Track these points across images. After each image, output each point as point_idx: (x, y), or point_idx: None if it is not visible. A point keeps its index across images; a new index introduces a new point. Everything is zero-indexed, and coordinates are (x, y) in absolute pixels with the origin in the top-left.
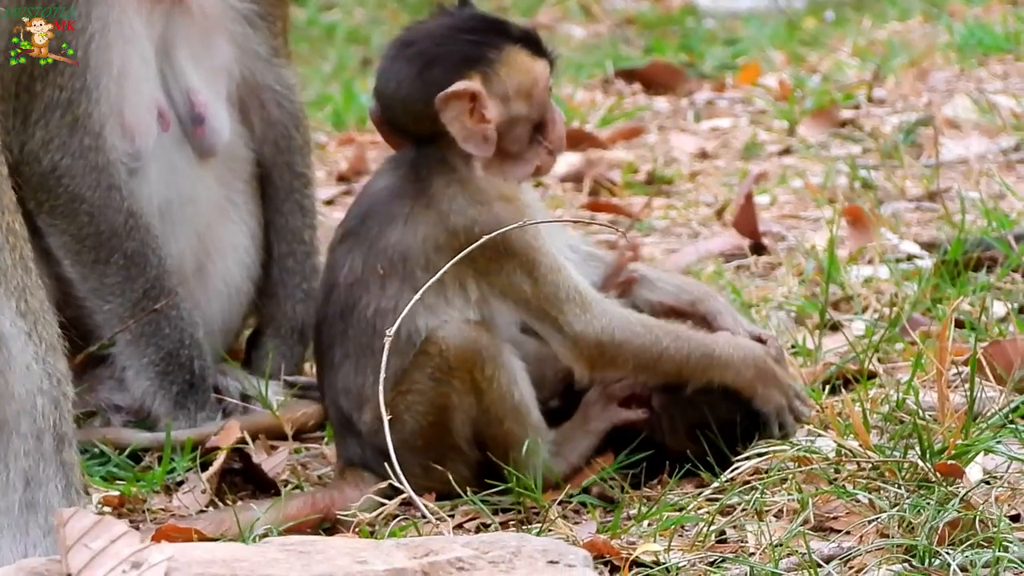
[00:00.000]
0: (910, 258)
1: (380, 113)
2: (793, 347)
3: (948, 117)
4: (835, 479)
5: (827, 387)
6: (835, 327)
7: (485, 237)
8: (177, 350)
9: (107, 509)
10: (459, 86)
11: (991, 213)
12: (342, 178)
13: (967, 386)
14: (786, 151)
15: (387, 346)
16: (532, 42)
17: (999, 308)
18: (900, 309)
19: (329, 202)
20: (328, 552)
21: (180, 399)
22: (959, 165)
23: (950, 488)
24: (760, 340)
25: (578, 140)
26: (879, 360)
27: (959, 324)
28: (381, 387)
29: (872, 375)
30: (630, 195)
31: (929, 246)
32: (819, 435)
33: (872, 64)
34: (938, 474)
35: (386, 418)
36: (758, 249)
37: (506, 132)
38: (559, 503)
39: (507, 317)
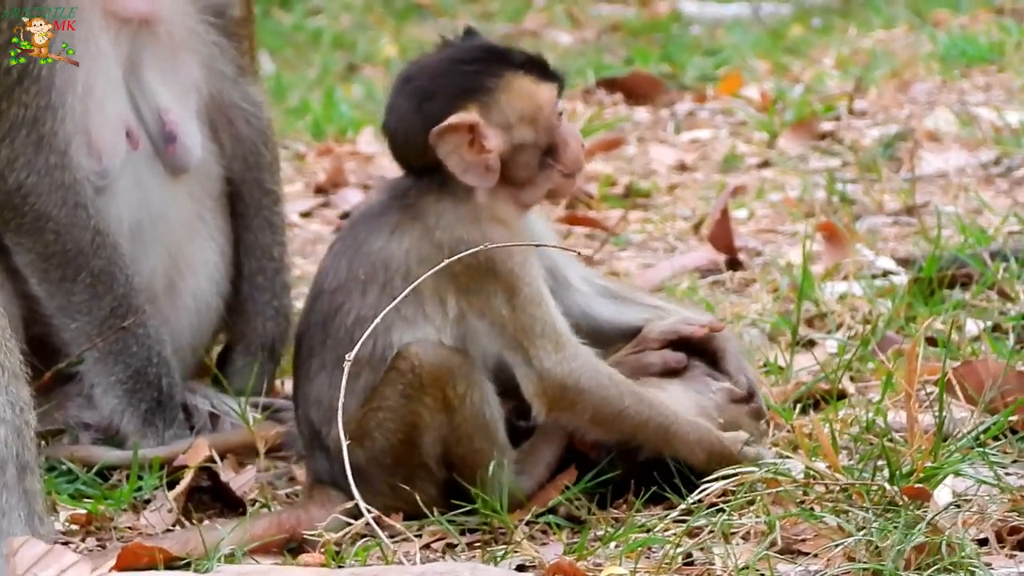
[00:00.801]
0: (886, 274)
1: (389, 145)
2: (765, 365)
3: (929, 129)
4: (803, 501)
5: (798, 406)
6: (809, 344)
7: (471, 251)
8: (145, 368)
9: (74, 527)
10: (454, 119)
11: (967, 229)
12: (320, 190)
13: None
14: (765, 164)
15: (346, 369)
16: (536, 67)
17: (973, 327)
18: (872, 328)
19: (306, 214)
20: None
21: (148, 417)
22: (938, 179)
23: (917, 512)
24: (750, 396)
25: None
26: (851, 379)
27: (932, 343)
28: (340, 410)
29: (843, 395)
30: (607, 208)
31: (905, 262)
32: (788, 457)
33: (854, 75)
34: (905, 498)
35: (345, 443)
36: (734, 264)
37: (512, 159)
38: (526, 523)
39: (483, 337)
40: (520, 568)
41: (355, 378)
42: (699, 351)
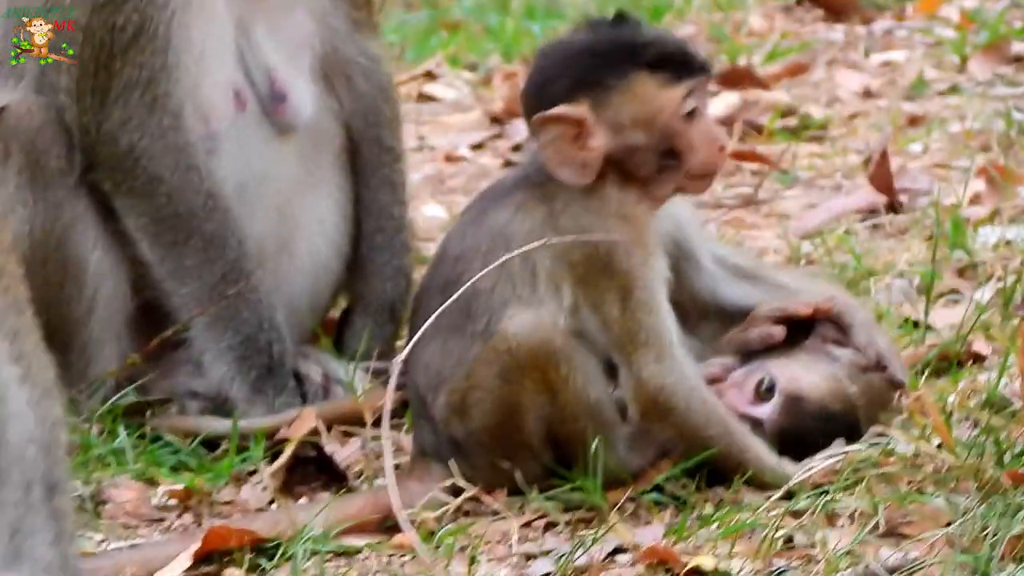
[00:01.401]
0: None
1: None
2: (904, 323)
3: None
4: (912, 481)
5: (928, 370)
6: (956, 294)
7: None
8: (256, 334)
9: (172, 502)
10: (558, 110)
11: None
12: (495, 119)
13: None
14: (952, 90)
15: (394, 375)
16: (670, 65)
17: None
18: (1013, 286)
19: (478, 146)
20: None
21: (258, 384)
22: None
23: (1020, 498)
24: (881, 367)
25: (738, 79)
26: (991, 338)
27: None
28: None
29: (979, 358)
30: (781, 140)
31: None
32: (902, 432)
33: None
34: (1008, 483)
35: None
36: (894, 207)
37: (626, 159)
38: (631, 502)
39: (593, 330)
40: (617, 550)
41: (467, 351)
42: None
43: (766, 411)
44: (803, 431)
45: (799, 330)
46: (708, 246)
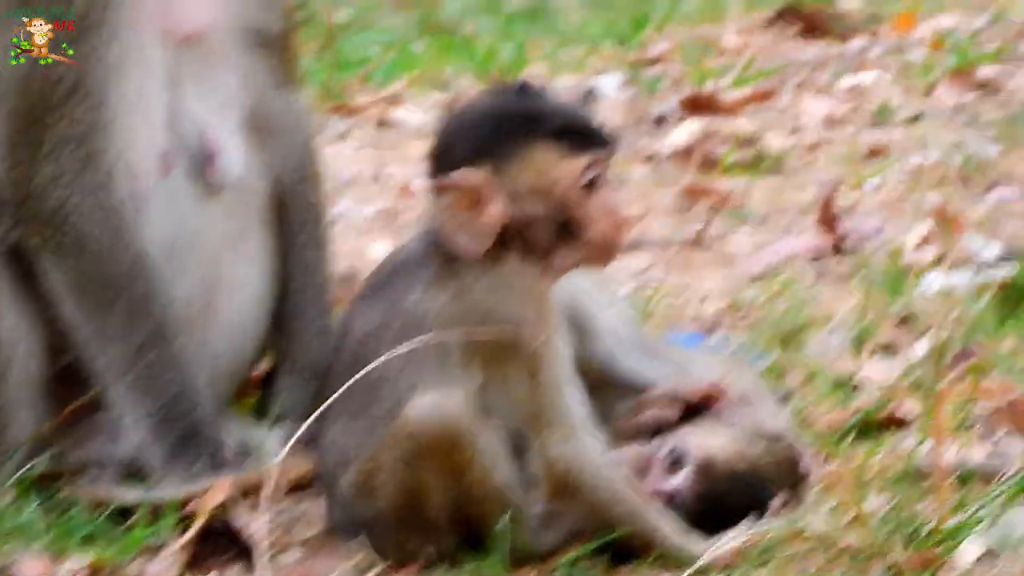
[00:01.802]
0: (993, 265)
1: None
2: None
3: None
4: (826, 561)
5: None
6: (893, 348)
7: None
8: (176, 400)
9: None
10: (456, 177)
11: None
12: None
13: (995, 436)
14: (916, 118)
15: (282, 454)
16: (575, 135)
17: None
18: (940, 349)
19: None
20: None
21: (176, 451)
22: None
23: None
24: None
25: (704, 105)
26: (924, 396)
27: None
28: None
29: (902, 423)
30: (738, 174)
31: (1009, 256)
32: (816, 505)
33: None
34: (916, 565)
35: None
36: (842, 249)
37: (524, 230)
38: None
39: (501, 410)
40: None
41: (371, 431)
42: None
43: (679, 482)
44: (719, 496)
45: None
46: (605, 318)
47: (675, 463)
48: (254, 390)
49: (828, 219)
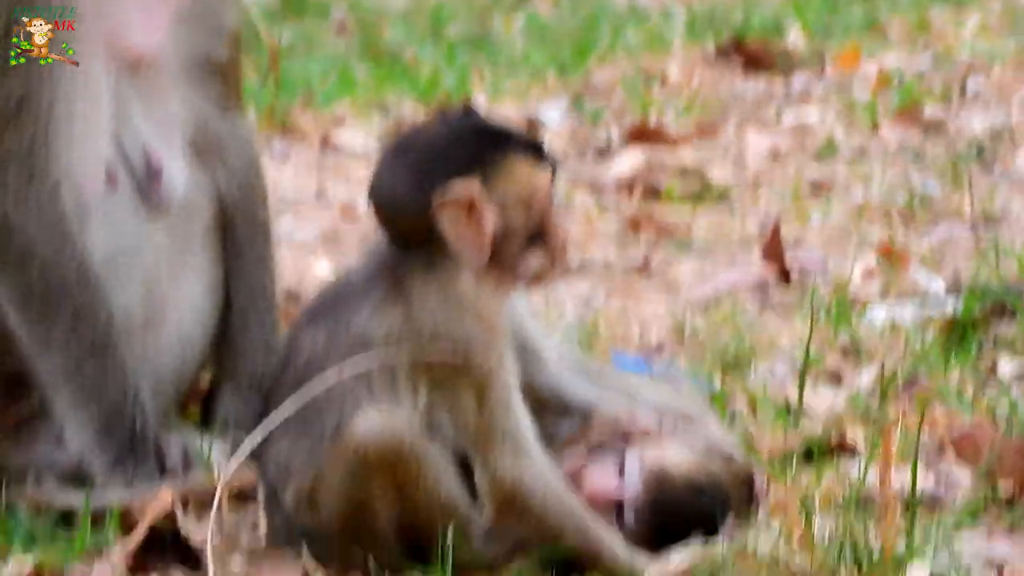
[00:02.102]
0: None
1: (374, 213)
2: (782, 408)
3: None
4: None
5: (794, 462)
6: (837, 378)
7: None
8: (118, 408)
9: None
10: (458, 192)
11: (1022, 258)
12: None
13: (940, 464)
14: (860, 155)
15: (226, 475)
16: (534, 150)
17: (1007, 368)
18: (889, 381)
19: None
20: None
21: (119, 458)
22: None
23: None
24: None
25: (647, 136)
26: (869, 425)
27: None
28: None
29: (848, 449)
30: (681, 204)
31: (957, 289)
32: (763, 529)
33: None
34: None
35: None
36: (786, 281)
37: (502, 241)
38: None
39: (447, 430)
40: None
41: (315, 449)
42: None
43: (630, 489)
44: (673, 507)
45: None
46: (549, 344)
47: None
48: (197, 401)
49: (774, 250)
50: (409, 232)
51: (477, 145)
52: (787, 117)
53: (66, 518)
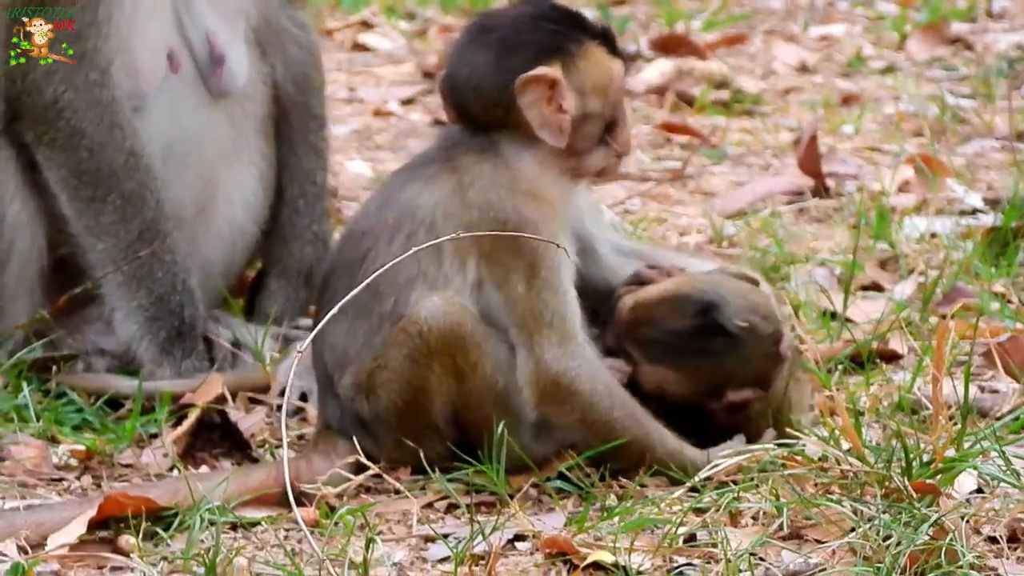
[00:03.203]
0: (975, 212)
1: (449, 97)
2: (822, 314)
3: None
4: (817, 484)
5: (840, 368)
6: (877, 288)
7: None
8: (168, 295)
9: (73, 462)
10: (541, 71)
11: None
12: (428, 74)
13: (985, 376)
14: (889, 69)
15: (295, 361)
16: (610, 40)
17: None
18: (933, 284)
19: (408, 101)
20: None
21: (167, 345)
22: None
23: (925, 510)
24: (777, 339)
25: (675, 46)
26: (909, 336)
27: (1008, 301)
28: None
29: (894, 357)
30: (713, 114)
31: (994, 202)
32: (812, 433)
33: None
34: (914, 494)
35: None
36: (821, 191)
37: (579, 127)
38: (535, 486)
39: (496, 309)
40: (517, 538)
41: (374, 332)
42: None
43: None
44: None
45: None
46: (605, 236)
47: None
48: (245, 294)
49: (811, 159)
50: (485, 112)
51: (559, 30)
52: (814, 29)
53: (113, 404)
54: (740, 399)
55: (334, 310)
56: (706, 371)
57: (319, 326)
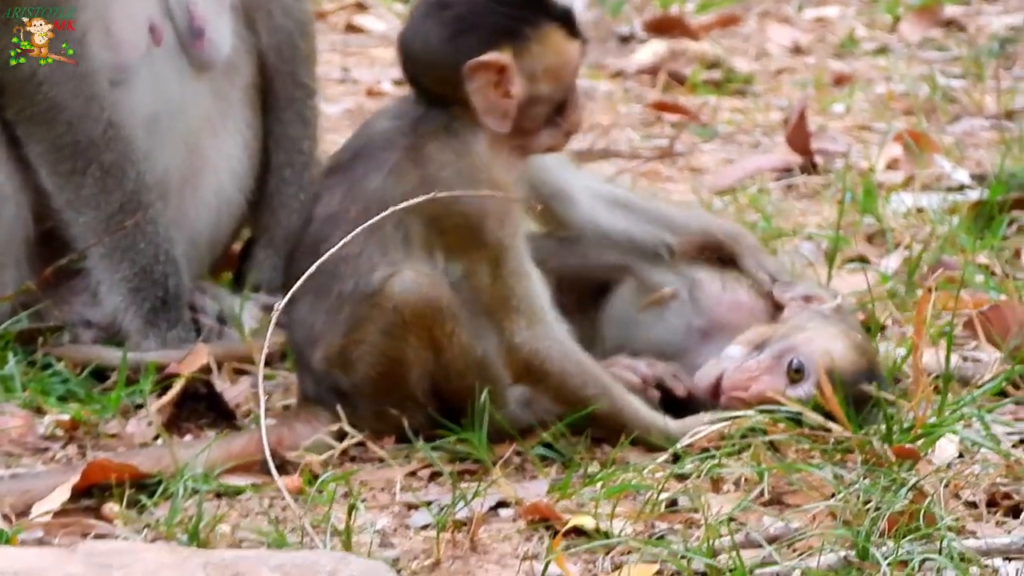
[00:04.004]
0: (962, 188)
1: (404, 62)
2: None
3: None
4: (798, 451)
5: None
6: (863, 261)
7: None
8: (152, 266)
9: (59, 432)
10: (490, 56)
11: None
12: None
13: (967, 346)
14: (881, 50)
15: (272, 320)
16: (569, 23)
17: None
18: (919, 256)
19: (401, 82)
20: (131, 567)
21: (151, 316)
22: None
23: (905, 474)
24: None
25: (669, 27)
26: (896, 307)
27: (992, 273)
28: None
29: (879, 327)
30: (704, 94)
31: (980, 178)
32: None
33: None
34: (893, 458)
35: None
36: (810, 167)
37: (526, 109)
38: (518, 454)
39: (464, 297)
40: (500, 505)
41: (337, 311)
42: (716, 255)
43: (804, 391)
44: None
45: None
46: (579, 180)
47: (798, 371)
48: (233, 266)
49: (800, 136)
50: (435, 88)
51: (515, 12)
52: (808, 11)
53: (99, 375)
54: None
55: (296, 286)
56: None
57: (285, 298)
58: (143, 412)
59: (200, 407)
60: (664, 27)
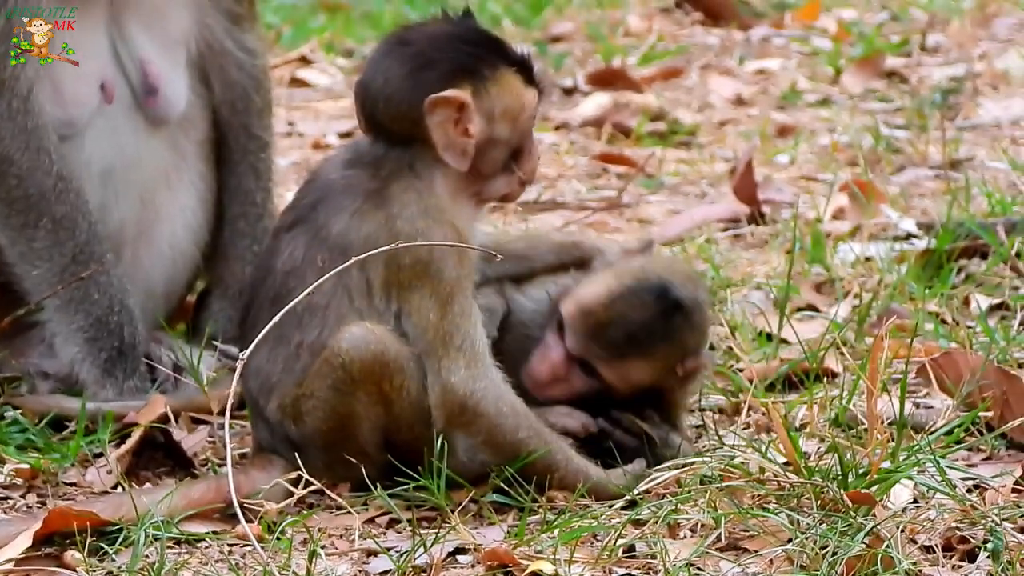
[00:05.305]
0: (908, 237)
1: (362, 105)
2: (758, 335)
3: (998, 71)
4: (755, 496)
5: (777, 386)
6: (813, 310)
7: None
8: (107, 316)
9: (18, 481)
10: (451, 93)
11: (991, 195)
12: None
13: (920, 393)
14: (824, 102)
15: (236, 374)
16: (527, 69)
17: (982, 302)
18: (867, 305)
19: (347, 135)
20: None
21: (108, 366)
22: (993, 128)
23: (861, 519)
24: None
25: (612, 80)
26: (844, 355)
27: (942, 321)
28: None
29: (830, 375)
30: (649, 145)
31: (928, 227)
32: (746, 448)
33: (932, 10)
34: (849, 503)
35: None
36: (757, 218)
37: (484, 151)
38: (474, 501)
39: (408, 336)
40: (458, 551)
41: (295, 359)
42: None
43: (571, 343)
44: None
45: None
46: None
47: (560, 326)
48: (188, 317)
49: (747, 186)
50: (394, 126)
51: (475, 52)
52: (749, 64)
53: (60, 424)
54: (695, 365)
55: (261, 335)
56: (671, 350)
57: (250, 348)
58: (102, 461)
59: (158, 456)
60: (607, 80)
